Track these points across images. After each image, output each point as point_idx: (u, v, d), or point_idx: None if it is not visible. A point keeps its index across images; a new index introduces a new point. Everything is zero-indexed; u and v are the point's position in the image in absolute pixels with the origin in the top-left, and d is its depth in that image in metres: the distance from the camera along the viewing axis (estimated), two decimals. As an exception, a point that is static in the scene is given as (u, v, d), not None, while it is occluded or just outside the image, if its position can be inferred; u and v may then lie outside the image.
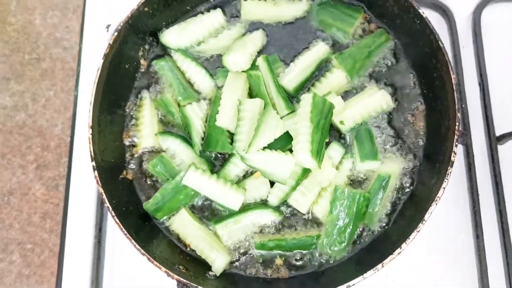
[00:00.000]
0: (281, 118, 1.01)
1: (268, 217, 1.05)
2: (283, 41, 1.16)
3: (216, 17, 1.16)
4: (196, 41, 1.15)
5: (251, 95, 1.09)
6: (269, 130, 0.98)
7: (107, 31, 1.31)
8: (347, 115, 1.06)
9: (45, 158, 1.28)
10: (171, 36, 1.15)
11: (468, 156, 1.13)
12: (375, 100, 1.08)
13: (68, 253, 1.17)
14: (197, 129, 1.06)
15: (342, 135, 1.09)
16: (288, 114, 1.05)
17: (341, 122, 1.07)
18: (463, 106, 1.15)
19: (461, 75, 1.18)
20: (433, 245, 1.11)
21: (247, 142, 0.98)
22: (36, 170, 1.27)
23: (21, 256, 1.22)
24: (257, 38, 1.13)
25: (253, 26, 1.18)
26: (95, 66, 1.04)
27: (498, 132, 1.14)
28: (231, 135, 1.04)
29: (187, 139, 1.09)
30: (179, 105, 1.11)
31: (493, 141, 1.14)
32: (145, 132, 1.10)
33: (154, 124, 1.12)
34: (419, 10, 1.02)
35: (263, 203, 1.06)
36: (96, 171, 0.98)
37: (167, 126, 1.13)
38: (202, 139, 1.08)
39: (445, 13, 1.23)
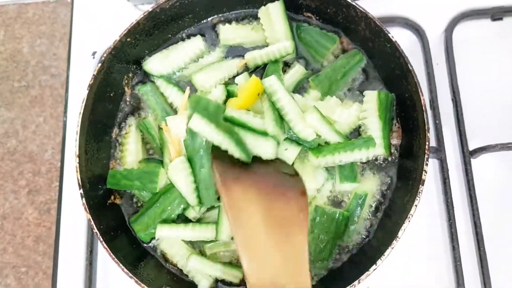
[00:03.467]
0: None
1: None
2: (261, 64, 1.20)
3: (196, 43, 1.20)
4: (177, 67, 1.19)
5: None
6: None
7: (93, 57, 1.35)
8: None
9: (36, 183, 1.32)
10: (154, 64, 1.18)
11: (442, 171, 1.17)
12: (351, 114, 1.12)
13: (61, 275, 1.20)
14: (171, 150, 1.09)
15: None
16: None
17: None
18: (437, 122, 1.19)
19: (434, 92, 1.21)
20: (411, 257, 1.14)
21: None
22: (28, 194, 1.31)
23: (15, 279, 1.26)
24: (234, 65, 1.17)
25: (233, 50, 1.22)
26: (82, 93, 1.07)
27: (471, 147, 1.18)
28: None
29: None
30: (160, 128, 1.14)
31: (467, 155, 1.17)
32: (129, 159, 1.14)
33: (138, 151, 1.15)
34: (389, 35, 1.05)
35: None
36: (83, 199, 1.02)
37: (149, 152, 1.17)
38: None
39: (418, 32, 1.27)
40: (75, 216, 1.24)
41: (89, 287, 1.16)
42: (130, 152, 1.15)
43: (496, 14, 1.28)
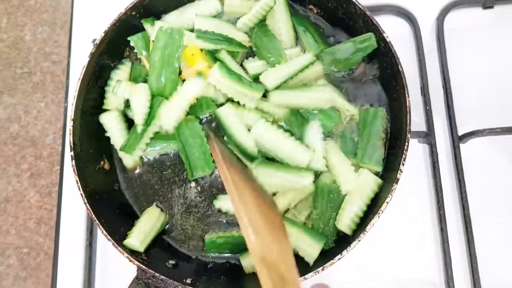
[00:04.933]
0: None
1: None
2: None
3: (213, 3, 1.20)
4: (193, 25, 1.17)
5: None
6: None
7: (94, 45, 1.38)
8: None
9: (38, 166, 1.35)
10: (170, 20, 1.20)
11: (432, 155, 1.20)
12: None
13: (62, 256, 1.24)
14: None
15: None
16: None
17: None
18: (428, 108, 1.22)
19: (425, 79, 1.24)
20: (401, 238, 1.18)
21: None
22: (30, 178, 1.35)
23: (18, 260, 1.30)
24: (238, 34, 1.18)
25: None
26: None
27: (460, 132, 1.21)
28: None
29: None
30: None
31: (456, 140, 1.21)
32: (111, 96, 1.17)
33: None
34: (384, 34, 1.07)
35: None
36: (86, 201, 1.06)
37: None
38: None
39: (410, 19, 1.30)
40: (76, 199, 1.26)
41: (89, 267, 1.20)
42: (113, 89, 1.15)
43: (487, 2, 1.31)
